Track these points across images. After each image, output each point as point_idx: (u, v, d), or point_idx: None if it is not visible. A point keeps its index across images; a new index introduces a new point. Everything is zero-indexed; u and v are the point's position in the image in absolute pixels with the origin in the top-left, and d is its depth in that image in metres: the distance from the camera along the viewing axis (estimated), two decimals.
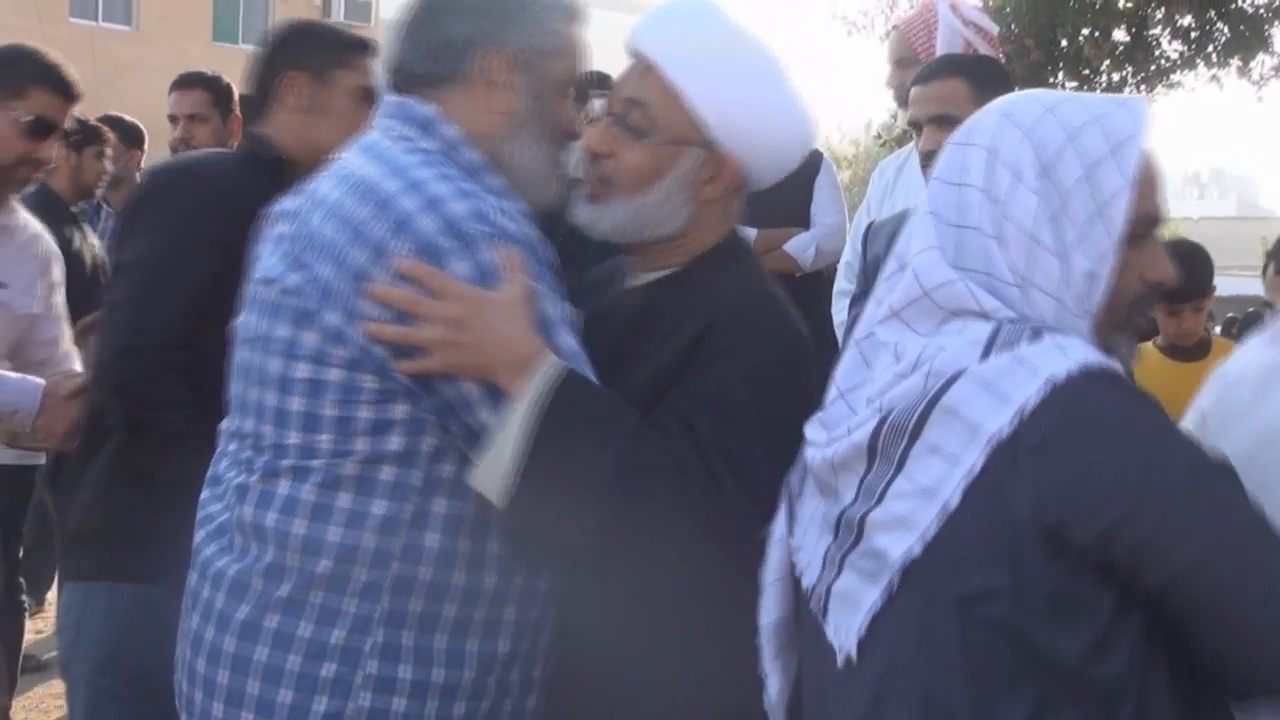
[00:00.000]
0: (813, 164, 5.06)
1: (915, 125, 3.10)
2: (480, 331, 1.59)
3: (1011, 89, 3.27)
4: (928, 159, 3.08)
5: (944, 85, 3.02)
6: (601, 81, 3.13)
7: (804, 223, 4.80)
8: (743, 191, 1.90)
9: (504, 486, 1.60)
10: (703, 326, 1.74)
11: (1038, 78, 10.58)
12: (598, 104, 1.97)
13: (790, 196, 5.13)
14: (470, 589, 1.71)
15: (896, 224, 3.33)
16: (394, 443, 1.67)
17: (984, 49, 3.92)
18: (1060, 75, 10.78)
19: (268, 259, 1.77)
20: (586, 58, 1.87)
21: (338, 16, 23.02)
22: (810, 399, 1.63)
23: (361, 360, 1.65)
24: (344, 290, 1.65)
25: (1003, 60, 4.24)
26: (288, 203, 1.80)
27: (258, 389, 1.74)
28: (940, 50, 3.97)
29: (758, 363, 1.72)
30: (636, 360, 1.79)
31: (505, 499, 1.60)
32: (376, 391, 1.66)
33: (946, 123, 3.03)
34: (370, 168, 1.72)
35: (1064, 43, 10.67)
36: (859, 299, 3.37)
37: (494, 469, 1.60)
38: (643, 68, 1.83)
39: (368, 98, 2.52)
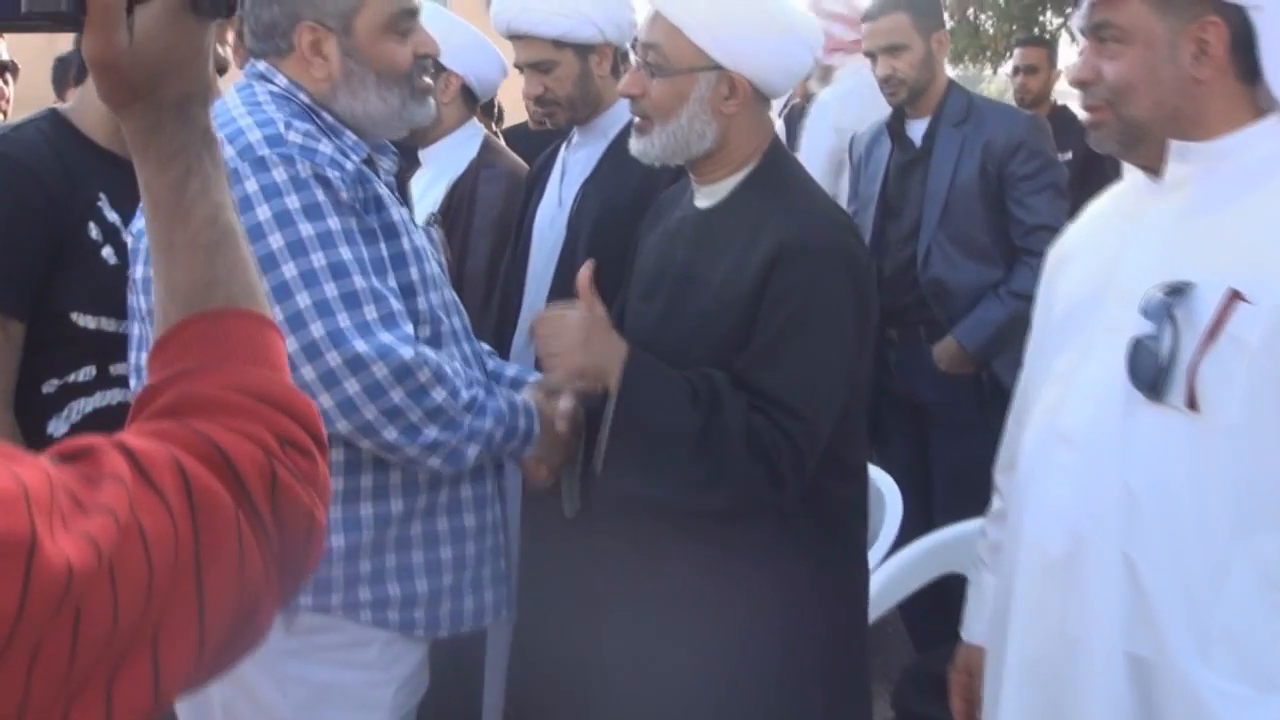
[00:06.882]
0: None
1: (870, 55, 3.87)
2: (571, 345, 2.02)
3: (941, 15, 4.05)
4: (885, 83, 3.87)
5: (890, 19, 3.80)
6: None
7: None
8: (766, 101, 2.13)
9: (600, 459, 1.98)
10: (769, 259, 1.96)
11: (1029, 15, 11.25)
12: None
13: None
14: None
15: (874, 134, 4.04)
16: None
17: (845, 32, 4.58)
18: (1048, 14, 11.40)
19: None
20: None
21: None
22: (872, 303, 2.04)
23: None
24: None
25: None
26: None
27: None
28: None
29: (829, 292, 1.97)
30: (704, 280, 2.05)
31: (599, 466, 1.99)
32: None
33: (896, 51, 3.82)
34: None
35: None
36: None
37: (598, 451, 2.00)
38: (654, 16, 2.12)
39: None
